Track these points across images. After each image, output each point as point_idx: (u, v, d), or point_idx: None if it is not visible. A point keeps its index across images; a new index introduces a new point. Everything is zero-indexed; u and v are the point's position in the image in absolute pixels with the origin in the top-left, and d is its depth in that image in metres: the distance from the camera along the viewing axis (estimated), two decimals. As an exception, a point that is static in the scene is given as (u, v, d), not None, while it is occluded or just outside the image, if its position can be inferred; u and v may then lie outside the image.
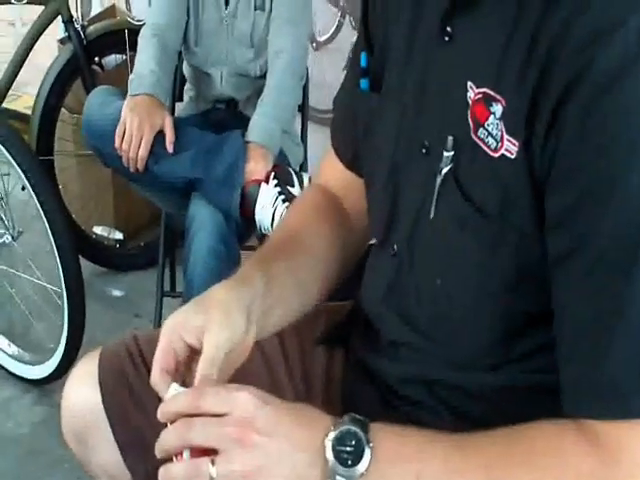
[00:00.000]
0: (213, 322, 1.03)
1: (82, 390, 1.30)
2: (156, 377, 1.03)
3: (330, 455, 0.90)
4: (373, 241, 1.27)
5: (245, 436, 0.90)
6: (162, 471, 0.93)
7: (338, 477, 0.90)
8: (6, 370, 2.69)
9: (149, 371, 1.26)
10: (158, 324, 2.54)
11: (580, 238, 0.90)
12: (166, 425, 0.96)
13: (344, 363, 1.31)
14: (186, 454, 0.92)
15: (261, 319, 1.10)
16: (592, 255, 0.90)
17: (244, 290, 1.09)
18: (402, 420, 1.15)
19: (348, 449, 0.90)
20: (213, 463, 0.89)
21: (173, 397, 0.98)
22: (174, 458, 0.94)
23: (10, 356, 2.69)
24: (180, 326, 1.05)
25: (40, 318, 2.72)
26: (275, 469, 0.90)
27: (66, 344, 2.49)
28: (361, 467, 0.90)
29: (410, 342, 1.16)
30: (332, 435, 0.91)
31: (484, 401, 1.11)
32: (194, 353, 1.04)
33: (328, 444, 0.91)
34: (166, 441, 0.94)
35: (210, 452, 0.91)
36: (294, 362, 1.32)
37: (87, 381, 1.29)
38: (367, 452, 0.91)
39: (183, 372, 1.05)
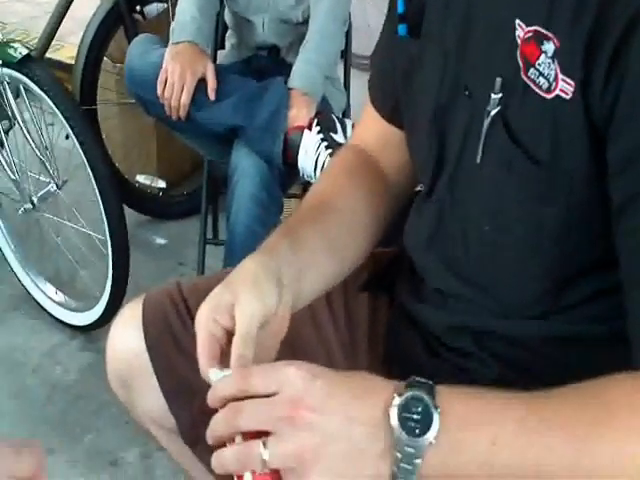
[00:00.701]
0: (242, 296, 1.00)
1: (126, 336, 1.31)
2: (204, 369, 0.98)
3: (396, 424, 0.83)
4: (419, 188, 1.26)
5: (296, 414, 0.84)
6: (214, 458, 0.88)
7: (406, 448, 0.83)
8: (53, 317, 2.72)
9: (192, 319, 1.26)
10: (201, 272, 2.55)
11: None
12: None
13: (389, 310, 1.30)
14: (238, 439, 0.88)
15: (293, 286, 1.06)
16: None
17: (269, 259, 1.05)
18: (448, 368, 1.15)
19: (415, 417, 0.83)
20: (265, 445, 0.84)
21: (219, 381, 0.93)
22: (227, 444, 0.89)
23: (57, 303, 2.73)
24: (212, 310, 1.01)
25: (85, 266, 2.75)
26: (332, 446, 0.84)
27: (111, 292, 2.51)
28: (430, 435, 0.83)
29: (455, 290, 1.15)
30: (396, 402, 0.84)
31: (532, 350, 1.10)
32: (232, 334, 1.00)
33: (393, 412, 0.84)
34: (216, 428, 0.89)
35: (263, 435, 0.86)
36: (338, 309, 1.31)
37: (131, 327, 1.30)
38: (435, 419, 0.84)
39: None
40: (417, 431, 0.83)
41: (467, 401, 0.88)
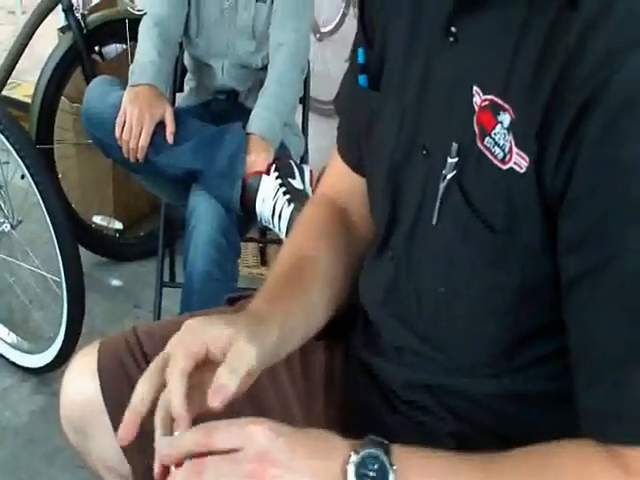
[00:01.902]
0: (244, 334, 1.00)
1: (81, 381, 1.29)
2: (178, 407, 0.96)
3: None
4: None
5: (262, 471, 0.85)
6: None
7: None
8: (5, 358, 2.68)
9: (147, 363, 1.26)
10: (158, 314, 2.54)
11: (600, 261, 0.87)
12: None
13: (345, 359, 1.30)
14: None
15: (274, 351, 1.06)
16: (614, 278, 0.87)
17: (263, 328, 1.05)
18: (404, 421, 1.15)
19: (371, 474, 0.86)
20: None
21: (179, 436, 0.93)
22: None
23: (9, 344, 2.69)
24: (208, 337, 1.00)
25: (39, 307, 2.72)
26: None
27: (65, 333, 2.48)
28: None
29: (411, 347, 1.14)
30: (353, 459, 0.87)
31: (486, 406, 1.10)
32: (210, 362, 0.99)
33: (350, 469, 0.87)
34: None
35: None
36: (293, 358, 1.30)
37: (86, 372, 1.28)
38: (391, 476, 0.87)
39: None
40: None
41: (421, 460, 0.91)
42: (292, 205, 2.13)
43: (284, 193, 2.15)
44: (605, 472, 0.88)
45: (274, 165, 2.22)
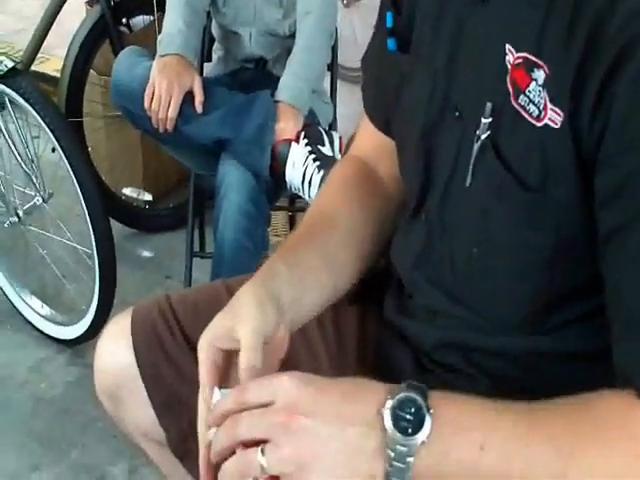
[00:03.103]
0: (244, 315, 1.02)
1: (115, 349, 1.30)
2: (207, 395, 1.01)
3: (389, 424, 0.85)
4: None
5: (290, 420, 0.86)
6: (221, 472, 0.91)
7: (398, 447, 0.84)
8: (39, 331, 2.71)
9: (182, 330, 1.27)
10: (189, 285, 2.55)
11: (633, 215, 0.87)
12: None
13: (377, 323, 1.29)
14: (239, 451, 0.89)
15: (293, 307, 1.09)
16: None
17: (269, 283, 1.08)
18: (437, 384, 1.14)
19: (407, 417, 0.85)
20: (263, 452, 0.86)
21: (219, 401, 0.96)
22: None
23: (43, 317, 2.72)
24: (213, 336, 1.03)
25: (72, 279, 2.74)
26: (327, 447, 0.85)
27: (98, 305, 2.50)
28: (422, 435, 0.85)
29: (444, 309, 1.15)
30: (390, 403, 0.86)
31: (520, 366, 1.10)
32: (234, 356, 1.02)
33: (386, 412, 0.86)
34: (217, 444, 0.91)
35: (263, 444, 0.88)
36: (327, 322, 1.31)
37: (120, 340, 1.29)
38: (428, 420, 0.85)
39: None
40: (409, 430, 0.85)
41: (459, 405, 0.90)
42: (322, 172, 2.12)
43: (314, 160, 2.15)
44: None
45: (303, 132, 2.21)
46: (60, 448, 2.32)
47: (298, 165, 2.16)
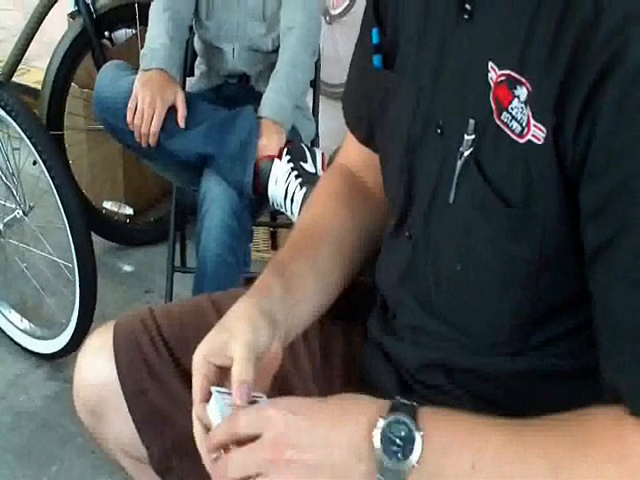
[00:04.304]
0: (237, 331, 1.03)
1: (96, 362, 1.29)
2: (199, 412, 1.02)
3: (378, 447, 0.85)
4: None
5: (278, 456, 0.87)
6: None
7: (388, 472, 0.85)
8: (18, 345, 2.69)
9: (166, 345, 1.27)
10: (170, 299, 2.54)
11: (618, 230, 0.87)
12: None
13: (363, 340, 1.29)
14: None
15: (286, 321, 1.10)
16: (632, 248, 0.87)
17: (262, 299, 1.09)
18: (420, 402, 1.15)
19: (397, 441, 0.85)
20: None
21: (212, 431, 0.97)
22: None
23: (22, 331, 2.70)
24: (207, 353, 1.04)
25: (51, 293, 2.73)
26: (317, 476, 0.87)
27: (78, 319, 2.49)
28: (412, 459, 0.85)
29: (428, 327, 1.14)
30: (379, 425, 0.86)
31: (505, 386, 1.10)
32: (228, 372, 1.02)
33: (376, 435, 0.86)
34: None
35: None
36: (313, 339, 1.31)
37: (101, 353, 1.28)
38: (418, 442, 0.86)
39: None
40: (399, 455, 0.85)
41: (449, 424, 0.90)
42: (304, 188, 2.12)
43: (296, 177, 2.15)
44: (635, 435, 0.87)
45: (286, 149, 2.21)
46: (39, 463, 2.30)
47: (280, 182, 2.16)
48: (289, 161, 2.18)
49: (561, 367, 1.06)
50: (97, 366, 1.29)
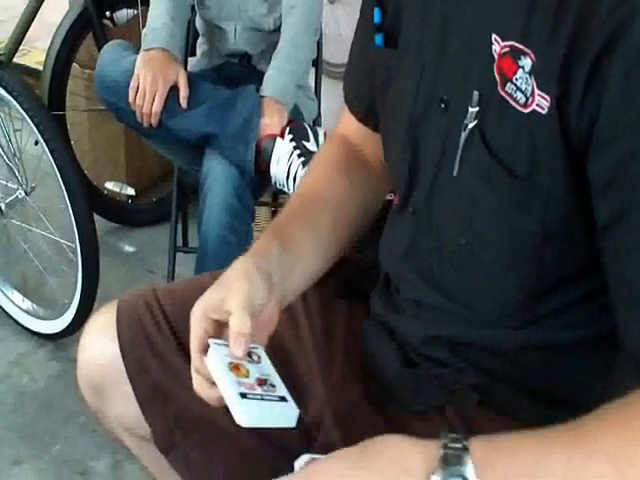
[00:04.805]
0: (234, 287, 1.03)
1: (100, 342, 1.30)
2: (197, 363, 1.03)
3: None
4: (390, 197, 1.26)
5: None
6: None
7: None
8: (20, 325, 2.70)
9: (169, 324, 1.27)
10: (172, 279, 2.54)
11: (628, 203, 0.87)
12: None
13: (365, 317, 1.30)
14: None
15: (284, 282, 1.10)
16: None
17: (260, 259, 1.09)
18: (425, 376, 1.15)
19: None
20: None
21: None
22: None
23: (24, 311, 2.70)
24: (205, 307, 1.04)
25: (54, 273, 2.73)
26: None
27: (80, 299, 2.49)
28: None
29: (432, 302, 1.15)
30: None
31: (509, 359, 1.10)
32: (225, 327, 1.03)
33: None
34: None
35: None
36: (315, 314, 1.31)
37: (105, 333, 1.29)
38: None
39: None
40: None
41: (509, 460, 0.81)
42: (307, 167, 2.12)
43: (298, 155, 2.15)
44: None
45: (288, 128, 2.21)
46: (42, 442, 2.31)
47: (283, 161, 2.16)
48: (291, 140, 2.18)
49: (567, 339, 1.06)
50: (100, 345, 1.29)
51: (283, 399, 1.01)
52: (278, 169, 2.17)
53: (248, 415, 0.95)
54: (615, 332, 0.94)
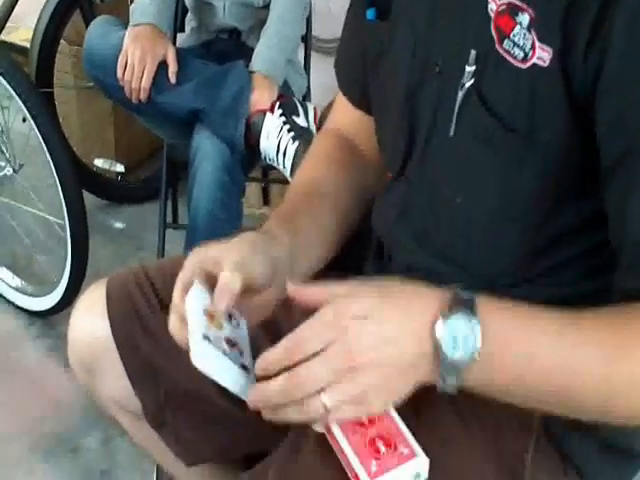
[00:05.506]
0: (233, 248, 1.03)
1: (90, 319, 1.29)
2: (176, 300, 1.01)
3: (441, 344, 0.87)
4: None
5: (351, 362, 0.88)
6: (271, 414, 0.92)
7: (450, 366, 0.87)
8: (10, 302, 2.69)
9: (159, 300, 1.27)
10: (161, 256, 2.53)
11: (633, 146, 0.89)
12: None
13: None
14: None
15: (291, 271, 1.09)
16: None
17: (274, 244, 1.08)
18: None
19: (458, 336, 0.87)
20: (325, 394, 0.88)
21: (267, 353, 0.93)
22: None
23: (14, 288, 2.70)
24: (198, 258, 1.03)
25: (43, 250, 2.73)
26: (388, 377, 0.88)
27: (69, 276, 2.49)
28: (474, 352, 0.87)
29: (425, 266, 1.15)
30: (441, 321, 0.88)
31: None
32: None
33: (438, 331, 0.88)
34: (276, 400, 0.91)
35: None
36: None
37: (94, 310, 1.29)
38: (478, 336, 0.87)
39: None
40: (461, 349, 0.87)
41: (507, 313, 0.92)
42: (297, 142, 2.12)
43: (288, 130, 2.14)
44: None
45: (278, 103, 2.20)
46: (33, 419, 2.31)
47: (272, 136, 2.15)
48: (281, 115, 2.17)
49: (562, 296, 1.06)
50: (91, 323, 1.29)
51: (245, 368, 0.98)
52: (268, 144, 2.17)
53: (203, 358, 0.93)
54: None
